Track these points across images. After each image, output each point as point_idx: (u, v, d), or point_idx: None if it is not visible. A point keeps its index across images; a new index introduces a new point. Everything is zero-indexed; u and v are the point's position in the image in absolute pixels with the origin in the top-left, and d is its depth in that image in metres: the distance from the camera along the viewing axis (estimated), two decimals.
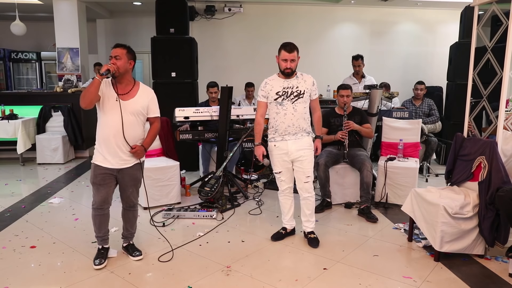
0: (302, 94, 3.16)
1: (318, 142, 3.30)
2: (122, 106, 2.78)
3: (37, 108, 6.51)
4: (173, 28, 5.60)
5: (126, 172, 2.89)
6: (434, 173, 5.56)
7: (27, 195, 4.66)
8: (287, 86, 3.17)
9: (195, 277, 2.76)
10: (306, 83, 3.19)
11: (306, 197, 3.28)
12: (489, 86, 3.25)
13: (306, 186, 3.25)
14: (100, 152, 2.83)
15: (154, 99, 2.99)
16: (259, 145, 3.30)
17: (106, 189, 2.86)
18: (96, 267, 2.85)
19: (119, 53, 2.77)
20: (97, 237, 2.98)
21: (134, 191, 3.00)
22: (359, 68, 5.47)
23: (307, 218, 3.33)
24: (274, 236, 3.41)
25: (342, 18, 7.89)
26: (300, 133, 3.19)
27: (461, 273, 2.83)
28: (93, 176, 2.86)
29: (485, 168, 3.00)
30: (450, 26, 7.67)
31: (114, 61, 2.75)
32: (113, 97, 2.79)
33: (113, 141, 2.79)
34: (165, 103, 5.42)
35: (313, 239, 3.28)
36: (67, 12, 6.99)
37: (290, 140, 3.18)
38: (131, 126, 2.83)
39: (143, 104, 2.89)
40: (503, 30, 3.07)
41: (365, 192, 4.01)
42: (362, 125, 4.29)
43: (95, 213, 2.91)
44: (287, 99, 3.15)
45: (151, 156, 4.54)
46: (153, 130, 3.00)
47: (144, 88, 2.95)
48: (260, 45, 7.73)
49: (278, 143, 3.22)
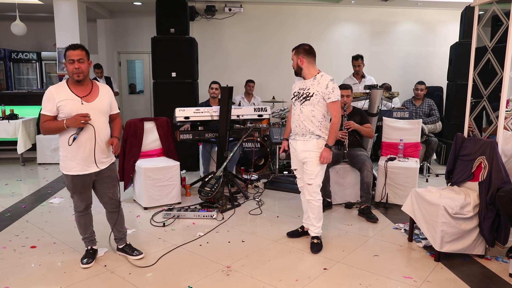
0: (310, 97, 3.10)
1: (325, 151, 3.10)
2: (90, 108, 2.70)
3: (38, 108, 6.50)
4: (173, 28, 5.60)
5: (103, 173, 2.84)
6: (435, 173, 5.56)
7: (27, 195, 4.66)
8: (302, 87, 3.18)
9: (195, 277, 2.76)
10: (318, 86, 3.09)
11: (309, 200, 3.23)
12: (489, 86, 3.25)
13: (308, 188, 3.21)
14: (72, 160, 2.72)
15: (113, 95, 2.93)
16: (284, 139, 3.45)
17: (87, 193, 2.86)
18: (83, 266, 2.85)
19: (81, 55, 2.64)
20: (84, 239, 2.98)
21: (115, 191, 2.96)
22: (359, 68, 5.47)
23: (311, 221, 3.27)
24: (290, 233, 3.47)
25: (342, 18, 7.89)
26: (308, 135, 3.15)
27: (461, 273, 2.83)
28: (72, 187, 2.79)
29: (485, 168, 3.00)
30: (450, 26, 7.68)
31: (78, 65, 2.61)
32: (77, 102, 2.68)
33: (88, 145, 2.71)
34: (165, 103, 5.49)
35: (314, 244, 3.21)
36: (68, 12, 6.99)
37: (299, 141, 3.20)
38: (102, 127, 2.78)
39: (107, 102, 2.83)
40: (504, 30, 3.07)
41: (365, 192, 4.01)
42: (362, 125, 4.29)
43: (79, 215, 2.91)
44: (298, 99, 3.18)
45: (151, 156, 4.55)
46: (117, 124, 2.95)
47: (102, 86, 2.85)
48: (260, 45, 7.73)
49: (291, 141, 3.30)
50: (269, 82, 7.64)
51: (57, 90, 2.67)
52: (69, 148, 2.69)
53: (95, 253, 3.00)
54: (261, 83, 7.46)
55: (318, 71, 3.17)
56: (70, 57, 2.63)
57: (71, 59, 2.63)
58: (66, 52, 2.65)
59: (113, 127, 2.93)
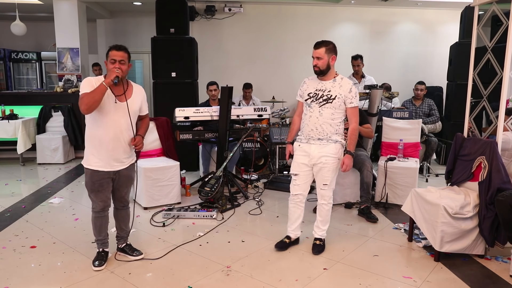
0: (332, 99, 2.96)
1: (347, 158, 2.99)
2: (121, 108, 2.75)
3: (37, 108, 6.51)
4: (173, 28, 5.61)
5: (122, 173, 2.88)
6: (434, 173, 5.56)
7: (27, 195, 4.66)
8: (320, 88, 3.01)
9: (195, 277, 2.76)
10: (341, 89, 2.98)
11: (321, 203, 3.14)
12: (489, 86, 3.25)
13: (322, 192, 3.10)
14: (95, 155, 2.76)
15: (145, 97, 2.98)
16: (288, 143, 3.22)
17: (105, 193, 2.85)
18: (95, 269, 2.84)
19: (123, 57, 2.71)
20: (97, 241, 2.97)
21: (128, 191, 3.01)
22: (358, 68, 5.48)
23: (317, 224, 3.19)
24: (278, 245, 3.22)
25: (342, 18, 7.89)
26: (325, 139, 2.99)
27: (461, 273, 2.83)
28: (90, 184, 2.80)
29: (485, 168, 3.00)
30: (450, 26, 7.68)
31: (119, 66, 2.68)
32: (111, 99, 2.74)
33: (111, 143, 2.75)
34: (165, 103, 5.49)
35: (316, 246, 3.15)
36: (67, 12, 6.98)
37: (314, 145, 3.01)
38: (128, 128, 2.80)
39: (138, 104, 2.88)
40: (503, 30, 3.07)
41: (365, 192, 4.01)
42: (362, 125, 4.29)
43: (96, 216, 2.90)
44: (316, 101, 3.00)
45: (151, 156, 4.55)
46: (145, 123, 2.99)
47: (136, 88, 2.90)
48: (260, 45, 7.73)
49: (303, 144, 3.08)
50: (269, 82, 7.64)
51: (97, 80, 2.70)
52: (94, 144, 2.75)
53: (107, 255, 2.99)
54: (261, 83, 7.45)
55: (336, 73, 3.08)
56: (112, 57, 2.69)
57: (113, 59, 2.68)
58: (109, 51, 2.72)
59: (140, 125, 2.97)
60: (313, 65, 2.99)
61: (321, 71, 2.99)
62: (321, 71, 2.99)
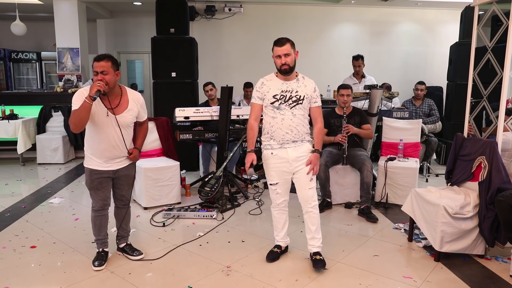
0: (302, 100, 2.83)
1: (314, 156, 2.85)
2: (113, 120, 2.70)
3: (37, 108, 6.51)
4: (173, 28, 5.61)
5: (121, 172, 2.88)
6: (434, 173, 5.56)
7: (27, 195, 4.66)
8: (286, 89, 2.83)
9: (195, 277, 2.76)
10: (306, 88, 2.85)
11: (309, 211, 2.90)
12: (489, 86, 3.25)
13: (309, 193, 2.86)
14: (93, 158, 2.78)
15: (143, 104, 2.91)
16: (251, 152, 2.95)
17: (104, 191, 2.86)
18: (95, 269, 2.84)
19: (105, 67, 2.59)
20: (97, 240, 2.97)
21: (129, 189, 3.00)
22: (359, 68, 5.47)
23: (313, 235, 2.93)
24: (270, 256, 3.03)
25: (342, 18, 7.89)
26: (299, 141, 2.86)
27: (461, 273, 2.83)
28: (89, 181, 2.82)
29: (485, 168, 3.00)
30: (450, 26, 7.68)
31: (101, 77, 2.57)
32: (103, 112, 2.66)
33: (108, 151, 2.77)
34: (165, 103, 5.49)
35: (318, 261, 2.89)
36: (67, 12, 6.99)
37: (290, 148, 2.84)
38: (126, 137, 2.81)
39: (135, 114, 2.84)
40: (503, 30, 3.07)
41: (365, 192, 4.01)
42: (362, 125, 4.29)
43: (95, 214, 2.90)
44: (285, 103, 2.81)
45: (151, 156, 4.55)
46: (143, 131, 3.01)
47: (132, 96, 2.82)
48: (260, 45, 7.71)
49: (276, 151, 2.86)
50: None
51: (87, 91, 2.60)
52: (92, 150, 2.76)
53: (107, 255, 2.98)
54: None
55: (296, 72, 2.90)
56: (94, 69, 2.62)
57: (95, 71, 2.61)
58: (93, 63, 2.65)
59: (138, 134, 2.95)
60: (281, 63, 2.79)
61: (290, 69, 2.81)
62: (291, 69, 2.81)
